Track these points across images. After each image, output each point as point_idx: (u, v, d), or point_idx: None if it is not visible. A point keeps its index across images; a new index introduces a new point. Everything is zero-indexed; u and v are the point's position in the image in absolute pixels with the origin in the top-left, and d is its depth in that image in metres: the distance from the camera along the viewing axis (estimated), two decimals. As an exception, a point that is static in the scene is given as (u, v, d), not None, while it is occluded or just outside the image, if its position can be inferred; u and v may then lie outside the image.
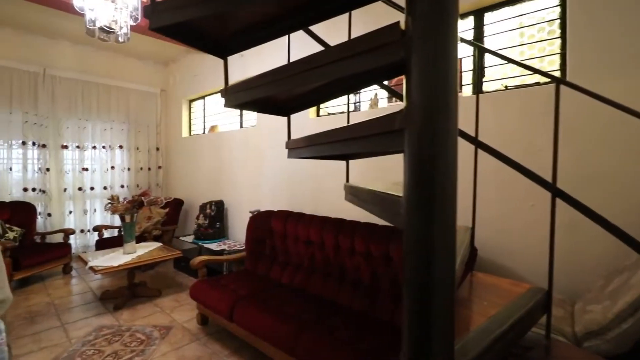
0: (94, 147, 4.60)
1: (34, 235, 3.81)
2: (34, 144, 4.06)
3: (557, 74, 1.86)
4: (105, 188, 4.70)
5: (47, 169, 4.17)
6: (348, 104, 1.38)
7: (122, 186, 4.89)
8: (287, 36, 1.23)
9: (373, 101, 2.62)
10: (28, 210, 3.82)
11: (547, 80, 1.63)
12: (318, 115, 3.13)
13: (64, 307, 2.88)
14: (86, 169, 4.53)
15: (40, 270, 3.43)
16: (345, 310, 2.07)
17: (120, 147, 4.86)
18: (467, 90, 2.27)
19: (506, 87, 2.09)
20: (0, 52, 3.79)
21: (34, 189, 4.09)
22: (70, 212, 4.41)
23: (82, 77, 4.40)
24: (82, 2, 2.13)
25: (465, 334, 0.79)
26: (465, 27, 2.26)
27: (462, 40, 1.38)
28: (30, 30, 3.93)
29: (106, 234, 4.26)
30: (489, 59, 2.21)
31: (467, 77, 2.28)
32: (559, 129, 1.08)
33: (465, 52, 2.27)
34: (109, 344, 2.27)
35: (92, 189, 4.58)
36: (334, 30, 1.45)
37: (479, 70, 2.21)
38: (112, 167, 4.78)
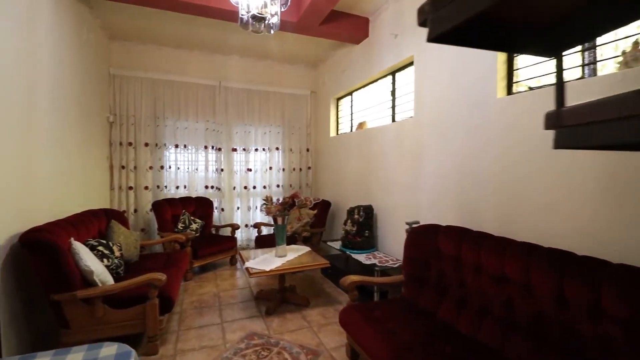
0: (256, 150, 5.01)
1: (211, 228, 4.36)
2: (212, 147, 4.69)
3: None
4: (264, 187, 5.07)
5: (222, 170, 4.75)
6: None
7: (278, 186, 5.18)
8: None
9: (629, 54, 1.54)
10: (207, 205, 4.41)
11: None
12: (509, 92, 2.19)
13: (226, 301, 3.03)
14: (250, 170, 4.97)
15: (213, 259, 3.85)
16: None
17: (277, 148, 5.15)
18: None
19: None
20: (191, 72, 4.53)
21: (212, 187, 4.72)
22: (238, 208, 4.93)
23: (247, 86, 4.84)
24: (237, -5, 2.03)
25: None
26: None
27: None
28: (210, 49, 4.54)
29: (264, 230, 4.52)
30: None
31: None
32: None
33: None
34: (257, 359, 2.12)
35: (254, 187, 5.01)
36: None
37: None
38: (270, 168, 5.11)
